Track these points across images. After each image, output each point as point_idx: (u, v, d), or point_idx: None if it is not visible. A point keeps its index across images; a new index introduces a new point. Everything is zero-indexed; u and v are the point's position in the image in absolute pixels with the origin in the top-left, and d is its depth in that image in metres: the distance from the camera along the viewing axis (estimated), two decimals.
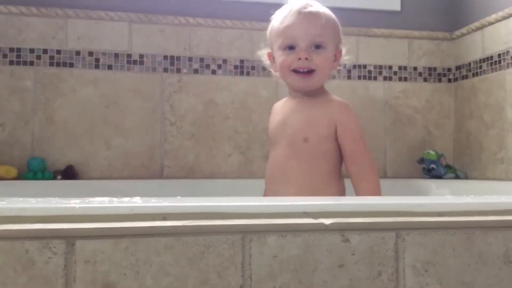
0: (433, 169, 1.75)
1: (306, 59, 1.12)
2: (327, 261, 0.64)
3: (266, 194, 1.23)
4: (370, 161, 1.14)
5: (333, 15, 1.19)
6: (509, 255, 0.69)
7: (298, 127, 1.15)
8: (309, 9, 1.15)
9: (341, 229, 0.65)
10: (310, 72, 1.14)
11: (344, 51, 1.21)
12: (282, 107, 1.23)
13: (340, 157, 1.16)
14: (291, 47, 1.14)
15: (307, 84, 1.15)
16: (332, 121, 1.13)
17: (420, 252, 0.67)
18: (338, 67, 1.24)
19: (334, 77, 1.78)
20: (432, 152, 1.78)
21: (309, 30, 1.13)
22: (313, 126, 1.13)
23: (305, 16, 1.13)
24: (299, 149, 1.14)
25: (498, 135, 1.69)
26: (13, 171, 1.52)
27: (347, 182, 1.19)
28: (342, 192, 1.17)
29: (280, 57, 1.16)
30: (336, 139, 1.14)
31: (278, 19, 1.17)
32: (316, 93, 1.17)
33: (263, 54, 1.24)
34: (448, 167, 1.77)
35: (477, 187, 1.60)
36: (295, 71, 1.14)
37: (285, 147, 1.16)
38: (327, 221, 0.65)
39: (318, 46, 1.14)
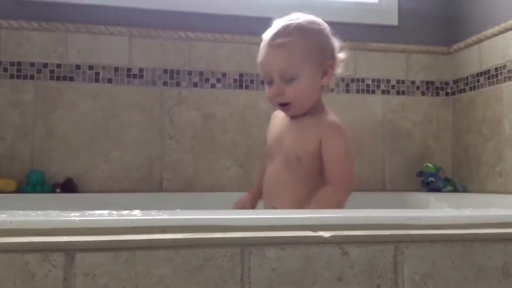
0: (432, 182, 1.75)
1: (280, 94, 1.13)
2: (326, 274, 0.64)
3: (264, 204, 1.23)
4: (343, 182, 1.10)
5: (308, 33, 1.12)
6: (508, 268, 0.69)
7: (291, 145, 1.15)
8: (276, 41, 1.11)
9: (340, 242, 0.65)
10: (286, 104, 1.15)
11: (340, 56, 1.17)
12: (279, 120, 1.23)
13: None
14: (269, 81, 1.15)
15: (289, 113, 1.17)
16: (318, 140, 1.12)
17: (419, 264, 0.67)
18: (338, 71, 1.18)
19: (332, 90, 1.79)
20: (430, 165, 1.78)
21: (277, 65, 1.11)
22: (303, 146, 1.13)
23: (271, 50, 1.11)
24: (293, 166, 1.14)
25: (496, 148, 1.69)
26: (12, 184, 1.52)
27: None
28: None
29: (266, 89, 1.18)
30: None
31: (259, 50, 1.17)
32: (310, 112, 1.16)
33: None
34: (446, 180, 1.78)
35: (475, 200, 1.60)
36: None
37: (280, 162, 1.17)
38: (326, 234, 0.65)
39: (289, 79, 1.12)
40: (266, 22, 1.24)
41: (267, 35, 1.14)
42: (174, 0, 1.75)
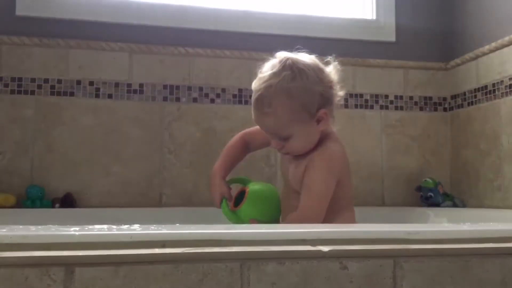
0: (431, 197, 1.75)
1: (280, 148, 1.13)
2: None
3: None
4: (306, 216, 1.07)
5: (290, 95, 1.06)
6: (506, 282, 0.69)
7: (291, 178, 1.17)
8: (260, 110, 1.08)
9: (339, 256, 0.65)
10: (287, 153, 1.16)
11: (335, 81, 1.13)
12: None
13: (335, 200, 1.13)
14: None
15: (293, 156, 1.17)
16: (305, 168, 1.12)
17: (418, 279, 0.67)
18: (339, 97, 1.14)
19: None
20: (429, 180, 1.78)
21: (268, 129, 1.12)
22: (297, 178, 1.13)
23: (259, 116, 1.10)
24: (296, 196, 1.14)
25: (494, 163, 1.70)
26: (12, 199, 1.52)
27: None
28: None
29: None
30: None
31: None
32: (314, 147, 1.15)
33: None
34: (445, 195, 1.78)
35: (474, 215, 1.60)
36: None
37: (288, 187, 1.19)
38: (325, 248, 0.65)
39: (284, 138, 1.11)
40: (264, 38, 1.26)
41: (252, 97, 1.11)
42: (174, 16, 1.77)
